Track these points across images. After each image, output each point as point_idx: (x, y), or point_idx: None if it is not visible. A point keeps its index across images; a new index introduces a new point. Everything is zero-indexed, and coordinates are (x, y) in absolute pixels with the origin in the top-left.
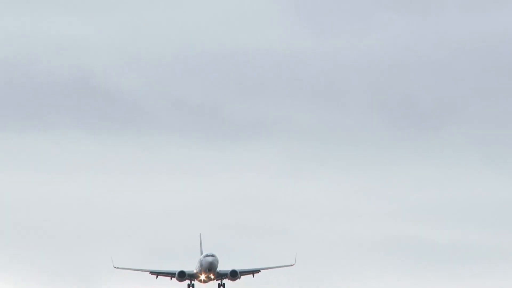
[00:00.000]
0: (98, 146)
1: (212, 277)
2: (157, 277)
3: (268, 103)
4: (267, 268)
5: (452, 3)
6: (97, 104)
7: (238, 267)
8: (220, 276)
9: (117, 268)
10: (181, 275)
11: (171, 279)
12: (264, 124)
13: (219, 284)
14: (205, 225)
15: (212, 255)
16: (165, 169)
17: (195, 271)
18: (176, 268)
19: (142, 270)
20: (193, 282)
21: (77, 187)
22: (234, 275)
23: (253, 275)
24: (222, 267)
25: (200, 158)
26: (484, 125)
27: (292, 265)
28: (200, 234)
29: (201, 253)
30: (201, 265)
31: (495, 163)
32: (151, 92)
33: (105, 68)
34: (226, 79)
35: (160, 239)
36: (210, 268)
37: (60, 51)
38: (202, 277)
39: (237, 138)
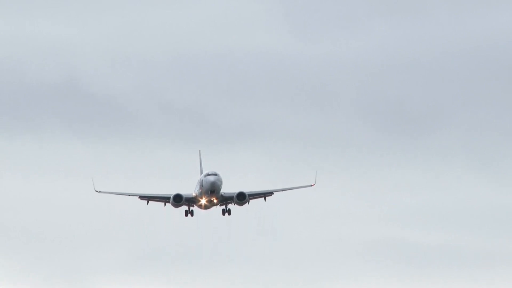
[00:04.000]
0: (86, 148)
1: (215, 201)
2: (148, 203)
3: (257, 106)
4: (282, 190)
5: (441, 8)
6: (86, 107)
7: (246, 189)
8: (225, 200)
9: (99, 192)
10: (177, 199)
11: (165, 204)
12: (253, 128)
13: (223, 209)
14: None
15: (214, 174)
16: (154, 171)
17: (194, 194)
18: (171, 192)
19: (130, 195)
20: (191, 207)
21: (66, 190)
22: (241, 198)
23: (265, 199)
24: (227, 189)
25: (189, 160)
26: (472, 129)
27: (312, 185)
28: (199, 150)
29: (201, 173)
30: (201, 186)
31: (483, 168)
32: (140, 95)
33: (94, 71)
34: (215, 83)
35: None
36: (212, 190)
37: (49, 54)
38: (203, 201)
39: (225, 141)
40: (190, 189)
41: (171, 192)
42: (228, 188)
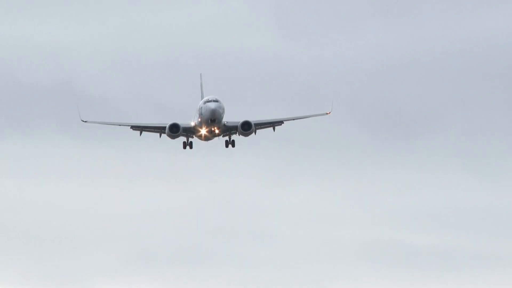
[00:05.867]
0: (82, 151)
1: (217, 131)
2: (140, 134)
3: (251, 109)
4: (293, 119)
5: (434, 11)
6: (81, 109)
7: (253, 118)
8: (228, 130)
9: (86, 122)
10: (174, 130)
11: (160, 135)
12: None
13: (226, 141)
14: (190, 229)
15: (215, 100)
16: (151, 174)
17: (192, 123)
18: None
19: (120, 125)
20: (190, 139)
21: (61, 192)
22: (246, 128)
23: (274, 129)
24: (231, 118)
25: (184, 163)
26: (467, 132)
27: (327, 113)
28: (200, 74)
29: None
30: (200, 114)
31: (478, 170)
32: (135, 98)
33: (90, 73)
34: (211, 85)
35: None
36: (212, 119)
37: (44, 56)
38: (203, 131)
39: (217, 143)
40: (189, 118)
41: (167, 121)
42: (232, 116)
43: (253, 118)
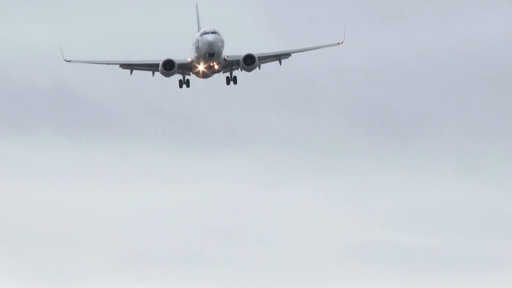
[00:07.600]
0: (76, 153)
1: (216, 67)
2: (131, 73)
3: (248, 111)
4: (302, 51)
5: (427, 14)
6: (75, 111)
7: (256, 51)
8: (229, 65)
9: (70, 61)
10: (168, 67)
11: (153, 74)
12: (239, 132)
13: (227, 77)
14: (184, 230)
15: (214, 32)
16: (144, 176)
17: (189, 59)
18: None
19: (109, 63)
20: (187, 76)
21: (56, 193)
22: (249, 62)
23: (280, 62)
24: (232, 51)
25: (179, 165)
26: (460, 134)
27: (340, 43)
28: (196, 4)
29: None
30: (197, 48)
31: (472, 172)
32: (129, 100)
33: (84, 75)
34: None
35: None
36: (211, 52)
37: (39, 58)
38: (201, 67)
39: (212, 145)
40: (184, 54)
41: (160, 57)
42: (233, 50)
43: (256, 51)
